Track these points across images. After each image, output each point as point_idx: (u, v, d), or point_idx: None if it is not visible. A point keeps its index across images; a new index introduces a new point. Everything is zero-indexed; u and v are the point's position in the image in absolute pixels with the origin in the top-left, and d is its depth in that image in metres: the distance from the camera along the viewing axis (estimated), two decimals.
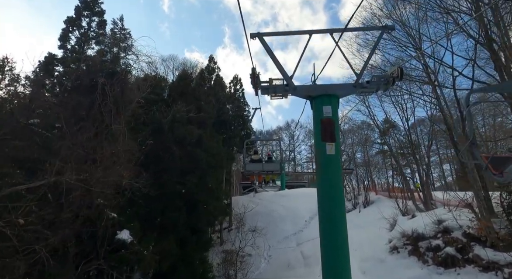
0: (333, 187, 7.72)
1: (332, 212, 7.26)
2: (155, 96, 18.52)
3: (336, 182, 7.96)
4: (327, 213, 7.27)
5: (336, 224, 7.16)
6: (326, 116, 8.34)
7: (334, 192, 7.57)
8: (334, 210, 7.29)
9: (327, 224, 7.27)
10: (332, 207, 7.28)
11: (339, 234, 7.09)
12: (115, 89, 10.98)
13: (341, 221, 7.18)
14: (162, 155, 13.26)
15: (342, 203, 7.64)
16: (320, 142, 8.08)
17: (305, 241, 21.23)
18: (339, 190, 7.97)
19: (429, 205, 16.16)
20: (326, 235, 7.05)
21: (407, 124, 17.65)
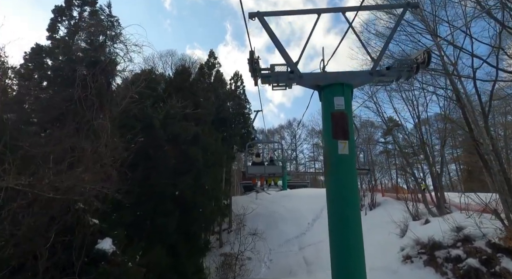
0: (346, 192, 6.26)
1: (345, 221, 5.81)
2: (150, 91, 17.27)
3: (351, 186, 6.53)
4: (340, 223, 5.81)
5: (351, 235, 5.70)
6: (338, 109, 6.91)
7: (348, 198, 6.13)
8: (348, 218, 5.84)
9: (339, 235, 5.80)
10: (346, 215, 5.83)
11: (355, 248, 5.65)
12: (99, 80, 9.68)
13: (357, 234, 5.77)
14: (153, 154, 11.95)
15: (357, 210, 6.23)
16: (330, 139, 6.68)
17: (308, 245, 19.89)
18: (354, 195, 6.53)
19: (443, 208, 14.74)
20: (340, 248, 5.59)
21: (419, 122, 16.22)
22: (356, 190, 6.58)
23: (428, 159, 16.02)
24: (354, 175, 6.84)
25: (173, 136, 13.67)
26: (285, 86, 8.05)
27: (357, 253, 5.09)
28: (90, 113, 9.30)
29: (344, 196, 6.07)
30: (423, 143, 16.07)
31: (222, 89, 27.23)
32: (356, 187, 6.68)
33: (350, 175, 6.64)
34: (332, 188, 6.39)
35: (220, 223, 24.14)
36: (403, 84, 15.88)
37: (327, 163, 6.87)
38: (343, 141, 6.69)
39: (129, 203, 10.76)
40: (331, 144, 6.69)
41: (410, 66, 6.75)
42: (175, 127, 13.59)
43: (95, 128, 9.38)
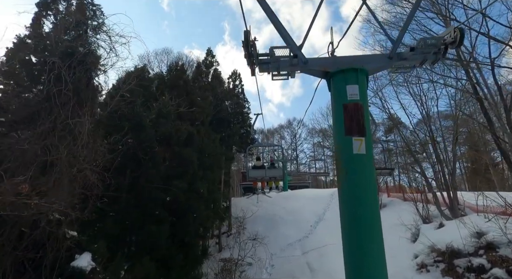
0: (365, 200, 4.99)
1: (364, 235, 4.56)
2: (143, 89, 16.06)
3: (370, 192, 5.22)
4: (358, 237, 4.55)
5: (373, 249, 4.46)
6: (352, 99, 5.63)
7: (367, 206, 4.87)
8: (368, 230, 4.59)
9: (357, 250, 4.58)
10: (365, 226, 4.56)
11: (377, 262, 4.43)
12: (76, 74, 8.48)
13: (379, 247, 4.55)
14: (143, 156, 10.72)
15: (378, 219, 4.99)
16: (342, 136, 5.42)
17: (311, 250, 18.63)
18: (373, 203, 5.24)
19: (457, 210, 13.49)
20: (360, 263, 4.40)
21: (428, 118, 14.97)
22: (375, 195, 5.32)
23: (438, 156, 14.78)
24: (373, 178, 5.54)
25: (165, 137, 12.45)
26: (287, 75, 6.78)
27: (379, 268, 4.00)
28: (65, 111, 8.08)
29: (362, 204, 4.78)
30: (433, 139, 14.83)
31: (220, 89, 26.04)
32: (376, 192, 5.43)
33: (368, 179, 5.30)
34: (346, 195, 5.07)
35: (219, 226, 22.91)
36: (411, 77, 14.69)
37: (340, 164, 5.57)
38: (359, 137, 5.40)
39: (114, 211, 9.54)
40: (344, 142, 5.34)
41: (437, 47, 5.48)
42: (167, 127, 12.36)
43: (72, 128, 8.15)
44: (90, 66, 9.01)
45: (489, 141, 32.23)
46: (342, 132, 5.54)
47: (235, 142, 26.52)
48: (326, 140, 38.85)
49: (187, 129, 13.44)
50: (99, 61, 10.38)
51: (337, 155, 5.69)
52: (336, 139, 5.78)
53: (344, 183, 5.38)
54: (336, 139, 5.78)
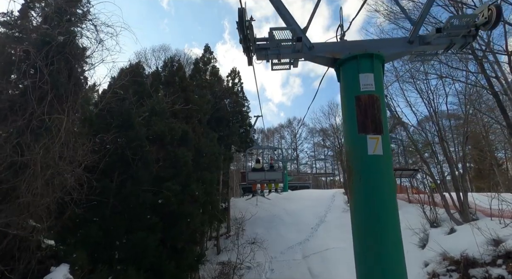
0: (382, 207, 4.24)
1: (382, 248, 3.79)
2: (136, 86, 15.16)
3: (388, 198, 4.45)
4: (373, 249, 3.84)
5: (392, 264, 3.80)
6: (366, 91, 4.81)
7: (383, 214, 4.23)
8: (385, 244, 3.80)
9: (375, 266, 3.82)
10: (382, 239, 3.81)
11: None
12: (55, 66, 7.60)
13: (399, 263, 3.79)
14: (131, 156, 9.81)
15: (397, 230, 4.24)
16: (355, 134, 4.63)
17: (312, 254, 17.73)
18: (392, 210, 4.48)
19: (468, 214, 12.58)
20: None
21: (436, 116, 14.06)
22: (395, 204, 4.49)
23: (447, 156, 13.86)
24: (392, 183, 4.67)
25: (157, 136, 11.54)
26: (289, 64, 5.88)
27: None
28: (42, 107, 7.19)
29: (380, 216, 3.93)
30: (441, 139, 13.92)
31: (218, 87, 25.12)
32: (395, 200, 4.58)
33: (386, 184, 4.45)
34: (360, 204, 4.20)
35: (217, 228, 22.04)
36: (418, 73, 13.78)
37: (352, 168, 4.69)
38: (375, 135, 4.50)
39: (98, 217, 8.64)
40: (357, 141, 4.43)
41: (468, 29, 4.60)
42: (159, 125, 11.46)
43: (50, 126, 7.25)
44: (71, 58, 8.09)
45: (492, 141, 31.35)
46: (355, 130, 4.67)
47: (234, 141, 25.61)
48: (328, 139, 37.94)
49: (181, 128, 12.53)
50: (84, 53, 9.49)
51: (349, 156, 4.79)
52: (347, 138, 4.85)
53: (357, 189, 4.53)
54: (347, 138, 4.85)
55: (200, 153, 16.26)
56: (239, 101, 26.68)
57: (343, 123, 4.88)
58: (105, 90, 16.44)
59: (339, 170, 41.50)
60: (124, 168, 9.98)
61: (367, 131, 4.40)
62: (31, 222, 7.04)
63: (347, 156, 4.61)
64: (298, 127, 48.22)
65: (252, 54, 5.39)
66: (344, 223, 20.93)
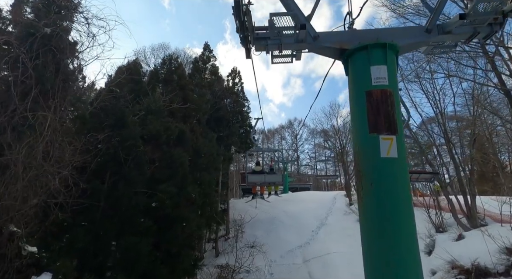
0: (397, 219, 3.82)
1: (398, 261, 3.39)
2: (134, 84, 14.63)
3: (403, 209, 3.85)
4: (387, 256, 3.45)
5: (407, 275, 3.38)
6: (378, 85, 4.22)
7: (398, 224, 3.55)
8: (401, 257, 3.41)
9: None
10: (397, 251, 3.42)
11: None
12: (40, 59, 7.06)
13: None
14: (124, 156, 9.27)
15: (414, 242, 3.87)
16: (366, 134, 4.05)
17: (313, 258, 17.14)
18: (408, 220, 3.89)
19: (477, 219, 11.98)
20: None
21: (442, 117, 13.48)
22: (411, 213, 3.93)
23: (454, 158, 13.28)
24: (407, 190, 4.09)
25: (152, 136, 10.99)
26: (291, 56, 5.28)
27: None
28: (24, 103, 6.65)
29: (395, 227, 3.48)
30: (448, 141, 13.34)
31: (218, 86, 24.57)
32: (411, 209, 4.03)
33: (401, 191, 3.87)
34: (371, 213, 3.72)
35: (216, 230, 21.46)
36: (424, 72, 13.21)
37: (361, 172, 4.08)
38: (388, 136, 3.88)
39: (87, 221, 8.09)
40: (368, 142, 3.82)
41: (495, 16, 4.04)
42: (155, 124, 10.91)
43: (33, 124, 6.71)
44: (59, 52, 7.56)
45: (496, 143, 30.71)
46: (365, 129, 4.08)
47: (234, 142, 25.00)
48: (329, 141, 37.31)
49: (178, 127, 11.98)
50: (75, 48, 8.96)
51: (358, 159, 4.21)
52: (356, 138, 4.29)
53: (368, 196, 3.94)
54: (356, 138, 4.29)
55: (198, 153, 15.71)
56: (239, 101, 26.08)
57: (352, 121, 4.33)
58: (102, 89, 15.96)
59: (339, 171, 40.89)
60: (116, 168, 9.43)
61: (380, 131, 3.85)
62: (12, 227, 6.51)
63: (356, 159, 4.06)
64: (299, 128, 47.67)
65: (250, 45, 4.85)
66: (345, 226, 20.40)
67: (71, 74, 8.40)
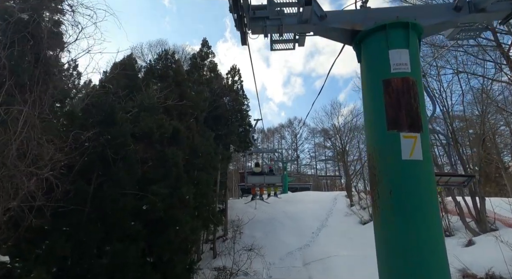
0: (421, 229, 3.05)
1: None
2: (128, 80, 13.93)
3: (430, 218, 2.98)
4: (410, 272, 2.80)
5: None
6: (399, 72, 3.38)
7: (424, 240, 2.90)
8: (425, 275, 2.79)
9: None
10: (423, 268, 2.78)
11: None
12: (16, 48, 6.36)
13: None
14: (112, 155, 8.56)
15: (443, 258, 3.13)
16: (383, 131, 3.26)
17: (313, 261, 16.44)
18: (435, 231, 3.03)
19: (486, 224, 11.28)
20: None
21: (449, 116, 12.79)
22: (438, 223, 3.15)
23: (462, 159, 12.58)
24: (435, 197, 3.35)
25: (144, 134, 10.28)
26: (293, 41, 4.51)
27: None
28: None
29: (417, 238, 2.84)
30: (455, 141, 12.63)
31: (217, 84, 23.85)
32: (438, 217, 3.29)
33: (427, 200, 3.05)
34: (391, 223, 3.02)
35: (213, 231, 20.78)
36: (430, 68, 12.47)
37: (377, 176, 3.32)
38: (411, 134, 3.06)
39: (69, 226, 7.39)
40: (385, 141, 3.04)
41: None
42: (147, 122, 10.20)
43: (6, 120, 6.00)
44: (39, 41, 6.84)
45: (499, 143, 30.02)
46: (382, 125, 3.34)
47: (233, 141, 24.32)
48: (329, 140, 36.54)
49: (172, 125, 11.27)
50: (60, 38, 8.24)
51: (373, 162, 3.46)
52: (371, 136, 3.59)
53: (387, 207, 3.22)
54: (371, 136, 3.59)
55: (196, 152, 15.03)
56: (238, 99, 25.37)
57: (366, 116, 3.62)
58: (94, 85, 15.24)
59: (340, 171, 40.15)
60: (104, 168, 8.73)
61: (401, 128, 3.15)
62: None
63: (371, 161, 3.35)
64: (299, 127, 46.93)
65: (246, 29, 4.14)
66: (347, 228, 19.73)
67: (53, 66, 7.66)
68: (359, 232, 18.43)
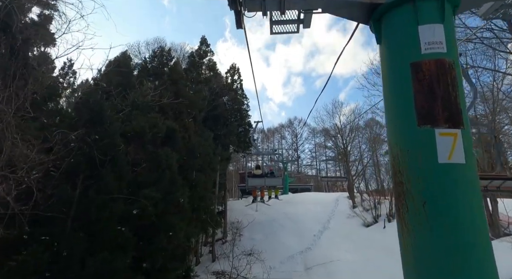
0: (468, 251, 2.38)
1: None
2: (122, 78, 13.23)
3: (477, 238, 2.03)
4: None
5: None
6: (432, 53, 2.48)
7: (470, 267, 2.11)
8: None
9: None
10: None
11: None
12: None
13: None
14: (99, 157, 7.86)
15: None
16: (412, 127, 2.38)
17: (316, 265, 15.72)
18: (486, 252, 2.09)
19: (500, 228, 10.55)
20: None
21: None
22: (488, 244, 2.27)
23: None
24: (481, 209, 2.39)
25: (136, 134, 9.58)
26: (297, 21, 3.73)
27: None
28: None
29: (462, 264, 2.12)
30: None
31: (216, 82, 23.18)
32: (487, 238, 2.47)
33: (472, 211, 1.98)
34: (424, 241, 2.27)
35: (212, 234, 20.09)
36: None
37: (405, 184, 2.39)
38: (450, 130, 2.05)
39: (49, 234, 6.69)
40: (416, 139, 2.55)
41: None
42: (139, 121, 9.50)
43: None
44: (14, 31, 6.15)
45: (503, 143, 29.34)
46: (411, 120, 2.56)
47: (232, 141, 23.63)
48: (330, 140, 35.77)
49: (166, 124, 10.57)
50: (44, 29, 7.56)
51: (399, 166, 2.70)
52: (395, 134, 2.88)
53: (419, 223, 2.34)
54: (395, 134, 2.88)
55: (193, 153, 14.33)
56: (238, 98, 24.70)
57: (387, 110, 2.91)
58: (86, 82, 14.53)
59: (341, 172, 39.40)
60: (91, 171, 8.03)
61: (436, 123, 2.41)
62: None
63: (396, 165, 2.63)
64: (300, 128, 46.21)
65: (242, 8, 3.44)
66: (349, 231, 19.00)
67: (33, 59, 6.97)
68: (363, 235, 17.72)
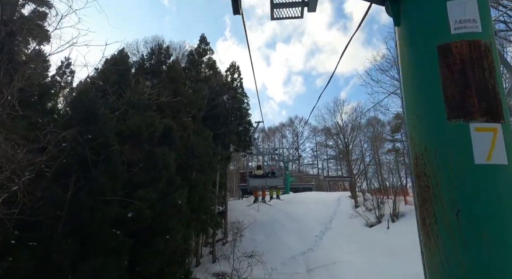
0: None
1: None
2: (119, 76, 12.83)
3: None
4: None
5: None
6: (464, 33, 1.86)
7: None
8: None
9: None
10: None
11: None
12: None
13: None
14: (92, 157, 7.46)
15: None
16: (441, 120, 1.77)
17: (318, 267, 15.32)
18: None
19: None
20: None
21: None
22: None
23: None
24: None
25: (132, 133, 9.18)
26: (301, 4, 3.17)
27: None
28: None
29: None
30: None
31: (216, 81, 22.76)
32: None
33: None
34: (458, 262, 1.40)
35: (213, 235, 19.72)
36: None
37: (433, 188, 1.74)
38: (488, 125, 1.38)
39: (37, 240, 6.29)
40: (446, 136, 1.30)
41: None
42: (134, 120, 9.10)
43: None
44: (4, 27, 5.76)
45: None
46: (440, 113, 1.90)
47: (232, 140, 23.22)
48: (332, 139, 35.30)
49: (163, 123, 10.17)
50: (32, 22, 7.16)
51: (424, 167, 2.16)
52: (420, 130, 2.29)
53: (451, 237, 1.58)
54: (420, 130, 2.29)
55: (192, 152, 13.94)
56: (238, 97, 24.29)
57: (407, 101, 2.50)
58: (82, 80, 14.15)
59: (342, 171, 38.94)
60: (83, 172, 7.63)
61: (471, 116, 1.94)
62: None
63: (420, 166, 2.18)
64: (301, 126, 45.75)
65: None
66: (352, 231, 18.58)
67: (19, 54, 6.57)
68: (366, 235, 17.31)
